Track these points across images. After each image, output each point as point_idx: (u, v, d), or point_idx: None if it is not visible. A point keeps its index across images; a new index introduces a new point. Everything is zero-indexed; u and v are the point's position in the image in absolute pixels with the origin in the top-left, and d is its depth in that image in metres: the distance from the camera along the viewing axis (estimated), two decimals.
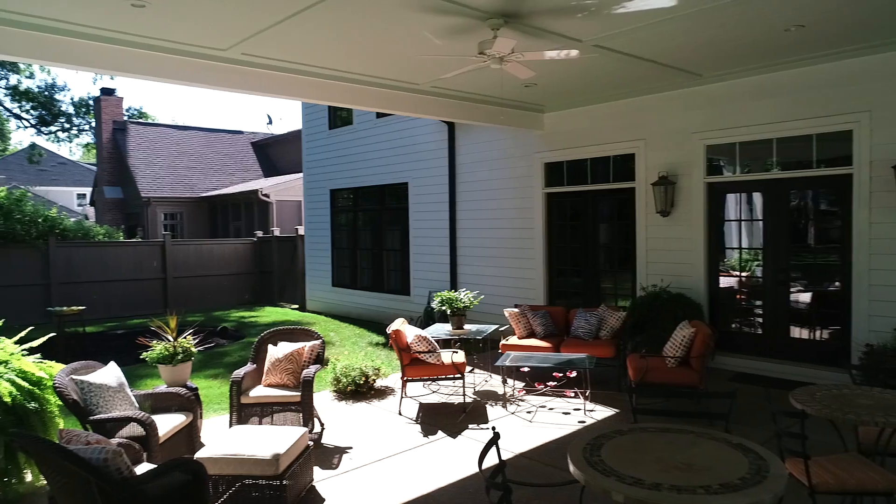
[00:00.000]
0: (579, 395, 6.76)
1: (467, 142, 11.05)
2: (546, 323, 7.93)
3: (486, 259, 10.82)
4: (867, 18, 5.75)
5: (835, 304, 7.25)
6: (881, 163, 6.61)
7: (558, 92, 8.64)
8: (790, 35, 6.13)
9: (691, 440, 3.27)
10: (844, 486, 3.48)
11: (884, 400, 3.98)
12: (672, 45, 6.41)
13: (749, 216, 8.24)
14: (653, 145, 8.55)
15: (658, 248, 8.55)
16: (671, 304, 7.69)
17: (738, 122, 7.72)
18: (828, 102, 7.01)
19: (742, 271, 8.20)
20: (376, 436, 5.90)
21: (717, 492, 2.65)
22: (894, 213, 6.55)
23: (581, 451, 3.15)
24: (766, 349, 7.78)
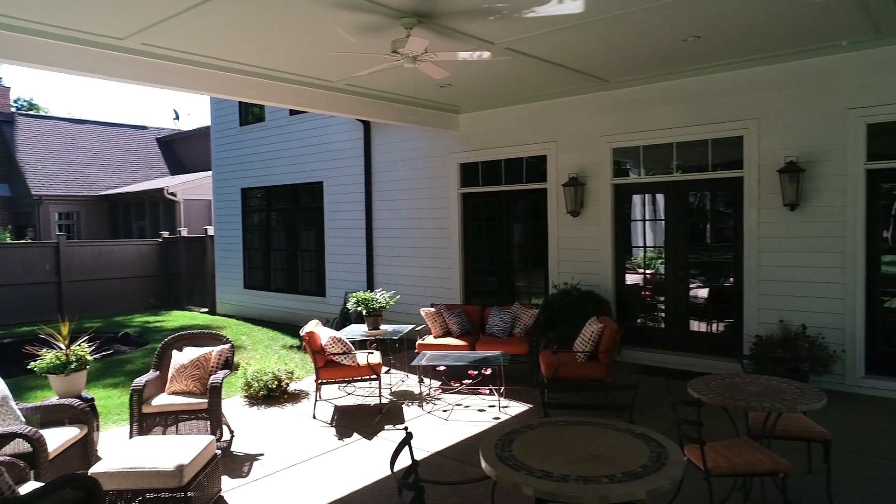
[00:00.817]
0: (494, 392, 6.86)
1: (383, 141, 10.99)
2: (462, 322, 8.01)
3: (403, 259, 10.80)
4: (755, 33, 6.17)
5: (729, 299, 7.75)
6: (768, 167, 7.12)
7: (473, 93, 8.75)
8: (688, 45, 6.49)
9: (598, 432, 3.39)
10: (735, 469, 3.71)
11: (770, 387, 4.29)
12: (580, 50, 6.64)
13: (653, 216, 8.66)
14: (563, 147, 8.82)
15: (569, 247, 8.83)
16: (581, 301, 7.95)
17: (642, 127, 8.10)
18: (721, 110, 7.48)
19: (647, 269, 8.61)
20: (289, 441, 5.75)
21: (620, 480, 2.75)
22: (780, 213, 7.08)
23: (493, 447, 3.19)
24: (669, 342, 8.20)
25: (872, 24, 5.89)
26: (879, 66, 6.47)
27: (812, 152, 6.86)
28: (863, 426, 5.69)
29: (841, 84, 6.70)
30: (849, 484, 4.48)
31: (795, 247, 7.03)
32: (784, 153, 6.98)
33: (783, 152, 6.99)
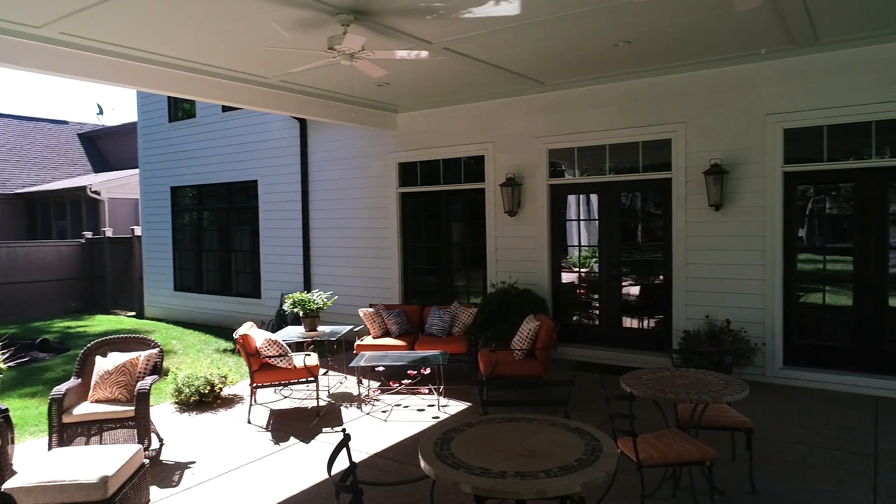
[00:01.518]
0: (434, 392, 6.87)
1: (321, 139, 10.82)
2: (401, 321, 7.98)
3: (341, 259, 10.66)
4: (681, 41, 6.42)
5: (660, 296, 8.04)
6: (694, 169, 7.43)
7: (411, 92, 8.73)
8: (620, 50, 6.69)
9: (535, 428, 3.44)
10: (666, 459, 3.85)
11: (697, 379, 4.47)
12: (517, 52, 6.73)
13: (587, 216, 8.88)
14: (501, 148, 8.92)
15: (507, 247, 8.95)
16: (519, 300, 8.07)
17: (576, 129, 8.29)
18: (651, 113, 7.74)
19: (582, 267, 8.82)
20: (223, 447, 5.57)
21: (556, 474, 2.80)
22: (705, 213, 7.39)
23: (432, 446, 3.19)
24: (603, 339, 8.43)
25: (789, 34, 6.23)
26: (795, 75, 6.86)
27: (735, 155, 7.20)
28: (782, 414, 6.01)
29: (760, 91, 7.06)
30: (769, 469, 4.72)
31: (720, 245, 7.35)
32: (709, 156, 7.30)
33: (708, 155, 7.31)
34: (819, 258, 7.20)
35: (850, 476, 4.61)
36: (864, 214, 6.80)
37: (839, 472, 4.69)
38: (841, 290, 7.06)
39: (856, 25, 6.08)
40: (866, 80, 6.50)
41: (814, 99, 6.76)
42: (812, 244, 7.26)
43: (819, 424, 5.72)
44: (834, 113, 6.67)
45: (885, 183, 6.67)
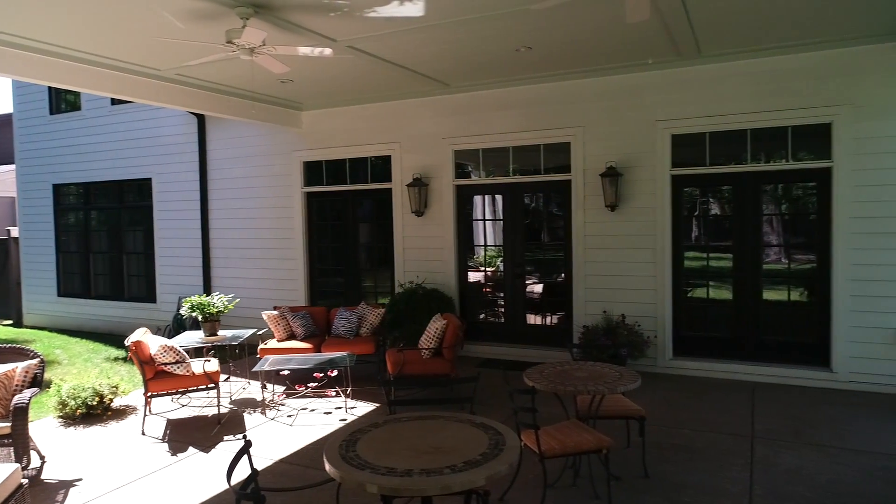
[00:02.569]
0: (341, 394, 6.79)
1: (221, 136, 10.40)
2: (307, 324, 7.82)
3: (244, 261, 10.30)
4: (577, 48, 6.70)
5: (561, 293, 8.35)
6: (592, 171, 7.78)
7: (316, 90, 8.58)
8: (521, 55, 6.89)
9: (441, 425, 3.49)
10: (566, 449, 4.01)
11: (594, 372, 4.69)
12: (422, 53, 6.77)
13: (493, 216, 9.07)
14: (407, 148, 8.95)
15: (414, 247, 8.98)
16: (427, 299, 8.14)
17: (481, 131, 8.46)
18: (552, 117, 8.03)
19: (488, 266, 9.01)
20: (114, 462, 5.24)
21: (461, 469, 2.86)
22: (602, 214, 7.76)
23: (337, 448, 3.15)
24: (508, 336, 8.66)
25: (675, 46, 6.66)
26: (680, 84, 7.34)
27: (628, 159, 7.61)
28: (671, 402, 6.42)
29: (649, 98, 7.50)
30: (660, 453, 5.03)
31: (615, 244, 7.74)
32: (605, 159, 7.67)
33: (604, 158, 7.68)
34: (703, 256, 7.75)
35: (729, 456, 5.00)
36: (741, 215, 7.39)
37: (720, 452, 5.07)
38: (722, 285, 7.63)
39: (733, 41, 6.59)
40: (742, 91, 7.06)
41: (697, 107, 7.27)
42: (698, 243, 7.80)
43: (703, 410, 6.15)
44: (715, 121, 7.21)
45: (760, 186, 7.29)
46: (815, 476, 4.59)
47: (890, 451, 5.00)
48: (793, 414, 5.96)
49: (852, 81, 6.61)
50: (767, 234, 7.47)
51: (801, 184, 7.35)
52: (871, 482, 4.47)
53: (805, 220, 7.34)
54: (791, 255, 7.38)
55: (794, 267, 7.33)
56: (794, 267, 7.33)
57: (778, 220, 7.53)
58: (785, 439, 5.33)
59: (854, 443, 5.21)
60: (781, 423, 5.71)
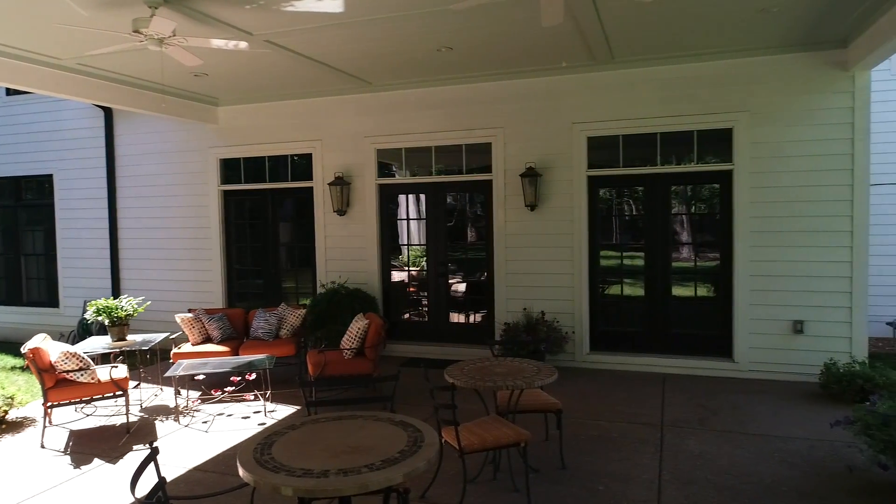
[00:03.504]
0: (260, 398, 6.61)
1: (130, 131, 9.89)
2: (224, 326, 7.56)
3: (156, 262, 9.84)
4: (496, 50, 6.81)
5: (484, 291, 8.47)
6: (512, 171, 7.93)
7: (232, 85, 8.31)
8: (443, 55, 6.94)
9: (360, 424, 3.45)
10: (486, 444, 4.07)
11: (514, 367, 4.78)
12: (343, 50, 6.69)
13: (417, 215, 9.09)
14: (329, 146, 8.82)
15: (336, 246, 8.87)
16: (349, 299, 8.05)
17: (404, 130, 8.45)
18: (473, 118, 8.13)
19: (412, 266, 9.02)
20: (8, 478, 4.87)
21: (379, 468, 2.84)
22: (522, 213, 7.93)
23: (251, 451, 3.07)
24: (432, 334, 8.70)
25: (589, 52, 6.90)
26: (595, 89, 7.61)
27: (547, 160, 7.81)
28: (587, 395, 6.64)
29: (566, 101, 7.73)
30: (576, 445, 5.20)
31: (535, 243, 7.93)
32: (525, 160, 7.84)
33: (524, 159, 7.85)
34: (618, 254, 8.06)
35: (641, 444, 5.23)
36: (652, 215, 7.75)
37: (633, 441, 5.30)
38: (636, 282, 7.97)
39: (644, 48, 6.89)
40: (653, 97, 7.40)
41: (611, 111, 7.56)
42: (613, 242, 8.11)
43: (618, 401, 6.40)
44: (628, 124, 7.51)
45: (669, 187, 7.66)
46: (718, 460, 4.87)
47: (784, 434, 5.38)
48: (699, 402, 6.30)
49: (750, 90, 7.07)
50: (677, 233, 7.87)
51: (706, 185, 7.79)
52: (767, 463, 4.79)
53: (711, 220, 7.77)
54: (698, 253, 7.81)
55: (700, 264, 7.76)
56: (700, 264, 7.76)
57: (686, 219, 7.95)
58: (692, 426, 5.62)
59: (753, 427, 5.57)
60: (689, 412, 6.02)
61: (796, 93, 6.92)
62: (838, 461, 4.78)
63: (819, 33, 6.42)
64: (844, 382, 6.21)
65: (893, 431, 4.15)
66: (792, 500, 4.20)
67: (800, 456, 4.92)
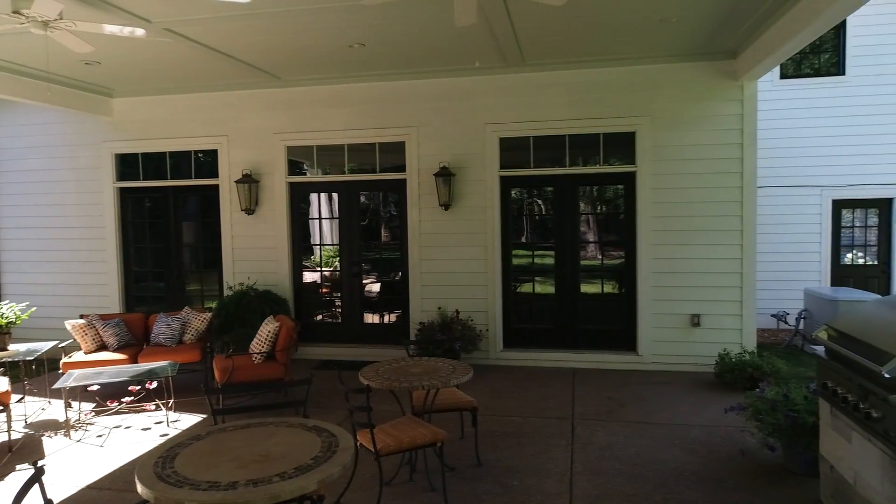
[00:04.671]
0: (162, 407, 6.23)
1: (11, 122, 9.09)
2: (120, 332, 7.08)
3: (43, 265, 9.09)
4: (408, 48, 6.79)
5: (398, 291, 8.42)
6: (426, 170, 7.93)
7: (129, 75, 7.80)
8: (355, 52, 6.82)
9: (271, 431, 3.32)
10: (402, 446, 4.02)
11: (429, 367, 4.77)
12: (250, 43, 6.44)
13: (329, 214, 8.89)
14: (236, 142, 8.47)
15: (245, 247, 8.53)
16: (259, 301, 7.76)
17: (315, 127, 8.25)
18: (387, 116, 8.06)
19: (325, 266, 8.82)
20: None
21: (291, 476, 2.73)
22: (436, 212, 7.94)
23: (152, 466, 2.87)
24: (346, 336, 8.55)
25: (501, 54, 7.01)
26: (507, 90, 7.74)
27: (460, 159, 7.86)
28: (501, 391, 6.74)
29: (480, 102, 7.82)
30: (491, 441, 5.25)
31: (449, 242, 7.97)
32: (439, 159, 7.86)
33: (438, 158, 7.87)
34: (530, 253, 8.25)
35: (553, 438, 5.36)
36: (562, 214, 7.98)
37: (545, 435, 5.42)
38: (547, 280, 8.18)
39: (553, 52, 7.08)
40: (561, 100, 7.62)
41: (522, 112, 7.71)
42: (524, 241, 8.29)
43: (531, 397, 6.54)
44: (538, 126, 7.70)
45: (577, 188, 7.92)
46: (625, 449, 5.07)
47: (685, 422, 5.68)
48: (607, 395, 6.55)
49: (652, 96, 7.42)
50: (585, 232, 8.15)
51: (612, 186, 8.11)
52: (670, 450, 5.04)
53: (616, 220, 8.10)
54: (605, 252, 8.12)
55: (607, 262, 8.07)
56: (607, 262, 8.07)
57: (593, 219, 8.25)
58: (600, 419, 5.83)
59: (656, 417, 5.84)
60: (597, 405, 6.24)
61: (693, 99, 7.34)
62: (733, 445, 5.10)
63: (712, 44, 6.84)
64: (736, 371, 6.64)
65: (780, 416, 4.47)
66: (692, 483, 4.44)
67: (699, 442, 5.21)
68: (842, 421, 3.64)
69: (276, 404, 4.12)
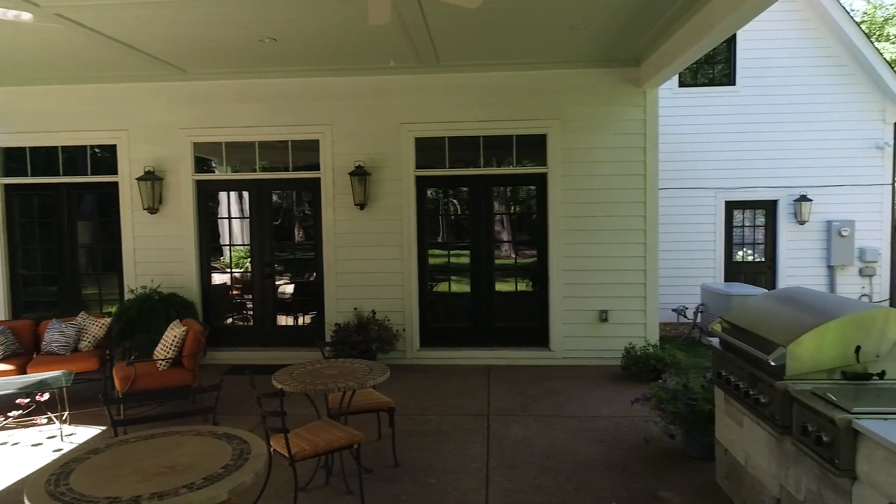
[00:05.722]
0: (55, 420, 5.80)
1: None
2: (6, 341, 6.52)
3: None
4: (321, 44, 6.66)
5: (313, 293, 8.25)
6: (341, 169, 7.83)
7: (14, 62, 7.19)
8: (266, 46, 6.62)
9: (177, 441, 3.17)
10: (317, 449, 3.95)
11: (345, 368, 4.71)
12: (151, 32, 6.11)
13: (240, 214, 8.59)
14: (137, 137, 8.02)
15: (148, 248, 8.08)
16: (164, 305, 7.39)
17: (224, 123, 7.94)
18: (300, 113, 7.88)
19: (235, 267, 8.51)
20: None
21: (200, 486, 2.62)
22: (352, 212, 7.86)
23: (43, 484, 2.67)
24: (258, 339, 8.29)
25: (416, 54, 7.02)
26: (423, 90, 7.77)
27: (376, 158, 7.82)
28: (419, 391, 6.76)
29: (395, 101, 7.80)
30: (409, 441, 5.26)
31: (365, 242, 7.90)
32: (354, 158, 7.77)
33: (353, 157, 7.78)
34: (445, 252, 8.32)
35: (470, 435, 5.43)
36: (477, 214, 8.10)
37: (462, 432, 5.49)
38: (462, 279, 8.28)
39: (467, 54, 7.17)
40: (475, 101, 7.73)
41: (437, 113, 7.77)
42: (440, 240, 8.35)
43: (448, 395, 6.60)
44: (453, 126, 7.78)
45: (491, 188, 8.06)
46: (538, 442, 5.22)
47: (594, 414, 5.92)
48: (521, 391, 6.71)
49: (562, 99, 7.68)
50: (499, 231, 8.31)
51: (524, 187, 8.32)
52: (580, 441, 5.24)
53: (529, 219, 8.32)
54: (518, 251, 8.32)
55: (520, 261, 8.27)
56: (520, 261, 8.27)
57: (507, 219, 8.43)
58: (515, 414, 5.97)
59: (568, 410, 6.05)
60: (512, 400, 6.39)
61: (600, 104, 7.66)
62: (638, 434, 5.36)
63: (617, 53, 7.17)
64: (641, 364, 6.99)
65: (680, 404, 4.75)
66: (601, 472, 4.63)
67: (608, 432, 5.44)
68: (734, 407, 3.91)
69: (183, 412, 3.94)
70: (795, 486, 3.18)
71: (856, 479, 2.68)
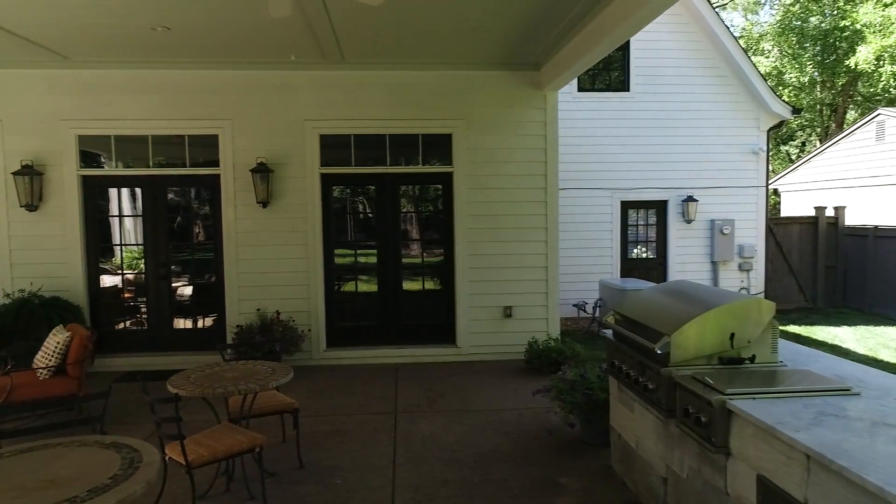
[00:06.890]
0: None
1: None
2: None
3: None
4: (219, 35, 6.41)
5: (213, 294, 7.93)
6: (242, 166, 7.57)
7: None
8: (159, 35, 6.30)
9: (58, 453, 2.96)
10: (217, 455, 3.82)
11: (247, 370, 4.57)
12: (26, 15, 5.65)
13: (132, 212, 8.09)
14: (12, 129, 7.38)
15: (26, 248, 7.46)
16: (46, 309, 6.88)
17: (113, 115, 7.47)
18: (197, 107, 7.55)
19: (127, 269, 8.01)
20: None
21: (83, 500, 2.46)
22: (254, 210, 7.62)
23: None
24: (153, 344, 7.86)
25: (320, 49, 6.91)
26: (328, 87, 7.66)
27: (279, 155, 7.62)
28: (325, 391, 6.67)
29: (299, 97, 7.64)
30: (314, 442, 5.17)
31: (268, 241, 7.69)
32: (256, 154, 7.54)
33: (255, 153, 7.55)
34: (352, 252, 8.24)
35: (377, 433, 5.42)
36: (383, 213, 8.09)
37: (369, 431, 5.47)
38: (370, 278, 8.24)
39: (372, 52, 7.14)
40: (381, 100, 7.71)
41: (343, 110, 7.68)
42: (347, 239, 8.26)
43: (355, 394, 6.55)
44: (358, 124, 7.72)
45: (398, 187, 8.07)
46: (444, 438, 5.29)
47: (499, 408, 6.07)
48: (428, 387, 6.77)
49: (467, 100, 7.81)
50: (407, 230, 8.34)
51: (431, 185, 8.39)
52: (485, 434, 5.36)
53: (436, 218, 8.40)
54: (426, 249, 8.38)
55: (427, 260, 8.34)
56: (427, 260, 8.34)
57: (415, 217, 8.47)
58: (422, 410, 6.02)
59: (474, 405, 6.17)
60: (419, 397, 6.43)
61: (504, 105, 7.86)
62: (540, 425, 5.56)
63: (519, 56, 7.38)
64: (543, 357, 7.24)
65: (578, 395, 4.97)
66: (505, 463, 4.76)
67: (511, 425, 5.60)
68: (626, 394, 4.14)
69: (68, 422, 3.69)
70: (679, 465, 3.42)
71: (730, 455, 2.92)
